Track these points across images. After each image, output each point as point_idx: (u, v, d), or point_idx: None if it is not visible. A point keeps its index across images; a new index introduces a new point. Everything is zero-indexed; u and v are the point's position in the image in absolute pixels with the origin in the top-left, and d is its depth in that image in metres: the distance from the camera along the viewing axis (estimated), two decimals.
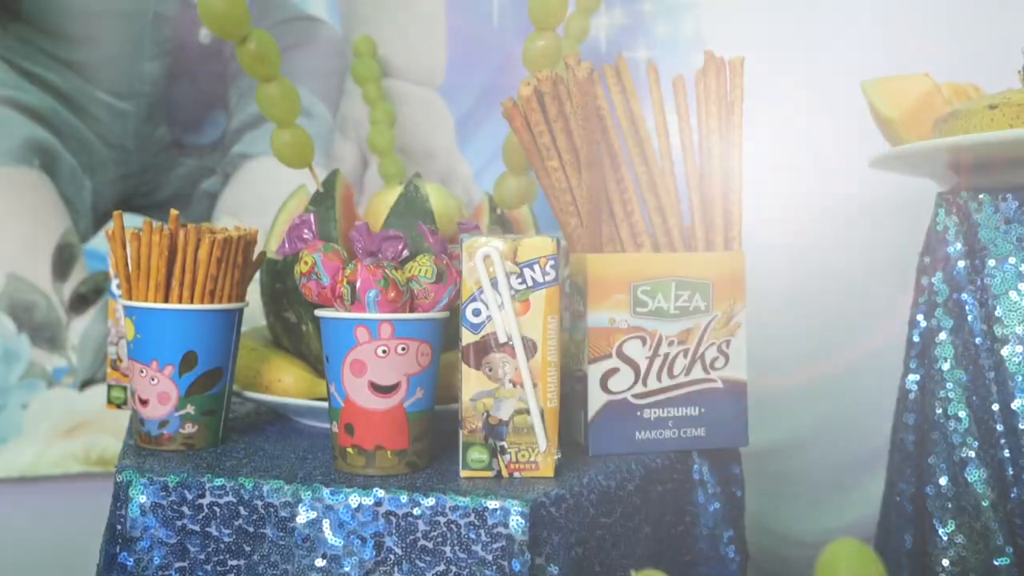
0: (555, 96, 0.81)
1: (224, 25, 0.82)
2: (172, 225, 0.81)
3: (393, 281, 0.74)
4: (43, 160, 1.36)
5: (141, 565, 0.74)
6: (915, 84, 0.96)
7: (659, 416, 0.84)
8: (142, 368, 0.83)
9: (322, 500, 0.72)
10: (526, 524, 0.69)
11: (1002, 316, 0.78)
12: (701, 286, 0.84)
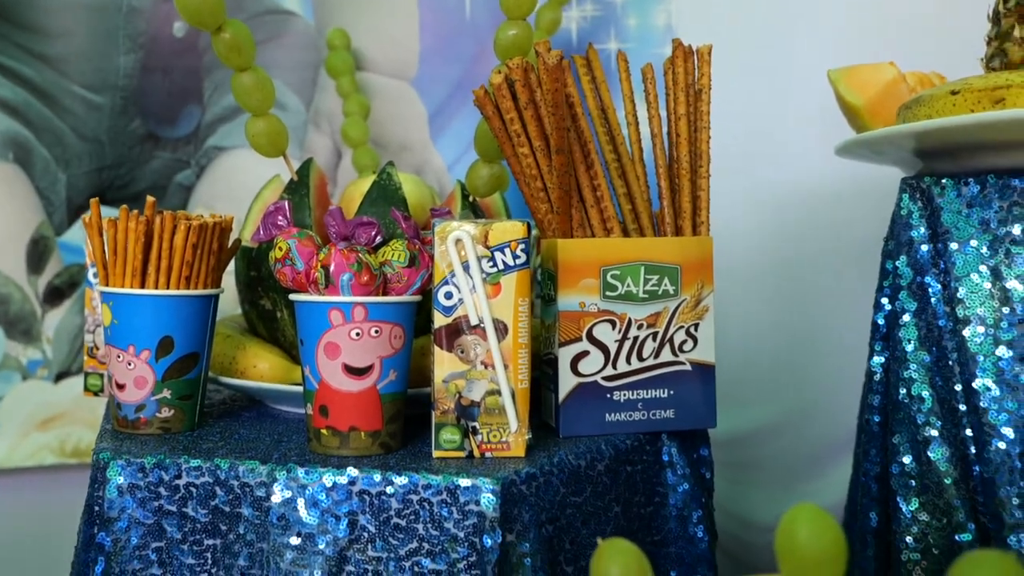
0: (526, 83, 0.82)
1: (200, 15, 0.83)
2: (148, 212, 0.82)
3: (366, 265, 0.75)
4: (17, 153, 1.36)
5: (119, 545, 0.75)
6: (880, 73, 0.98)
7: (629, 398, 0.85)
8: (119, 353, 0.83)
9: (297, 480, 0.73)
10: (497, 502, 0.70)
11: (964, 298, 0.80)
12: (670, 270, 0.85)
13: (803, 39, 1.36)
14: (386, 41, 1.42)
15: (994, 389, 0.78)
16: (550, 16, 1.14)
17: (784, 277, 1.37)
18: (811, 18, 1.35)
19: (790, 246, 1.36)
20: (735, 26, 1.38)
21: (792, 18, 1.36)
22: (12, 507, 1.39)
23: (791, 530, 0.47)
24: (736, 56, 1.38)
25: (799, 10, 1.36)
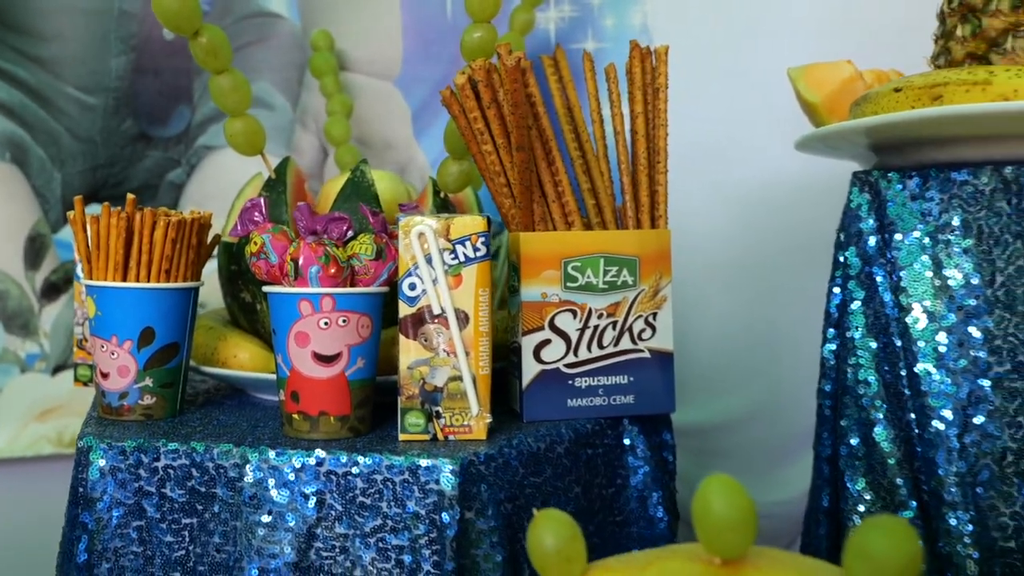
0: (488, 84, 0.86)
1: (177, 21, 0.87)
2: (129, 209, 0.86)
3: (334, 258, 0.79)
4: (14, 153, 1.40)
5: (101, 524, 0.79)
6: (837, 71, 1.01)
7: (590, 384, 0.89)
8: (103, 343, 0.87)
9: (268, 461, 0.77)
10: (456, 480, 0.74)
11: (907, 286, 0.84)
12: (628, 262, 0.89)
13: (775, 38, 1.40)
14: (370, 42, 1.46)
15: (935, 373, 0.82)
16: (523, 17, 1.18)
17: (755, 270, 1.41)
18: (782, 18, 1.38)
19: (760, 240, 1.40)
20: (709, 26, 1.41)
21: (764, 18, 1.39)
22: (12, 495, 1.43)
23: (705, 499, 0.51)
24: (710, 55, 1.41)
25: (771, 10, 1.39)
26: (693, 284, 1.45)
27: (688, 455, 1.46)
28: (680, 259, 1.44)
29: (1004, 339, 0.79)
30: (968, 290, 0.80)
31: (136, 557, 0.79)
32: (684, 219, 1.44)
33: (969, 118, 0.74)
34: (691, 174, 1.43)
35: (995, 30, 0.83)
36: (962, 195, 0.81)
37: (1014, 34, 0.82)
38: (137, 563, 0.79)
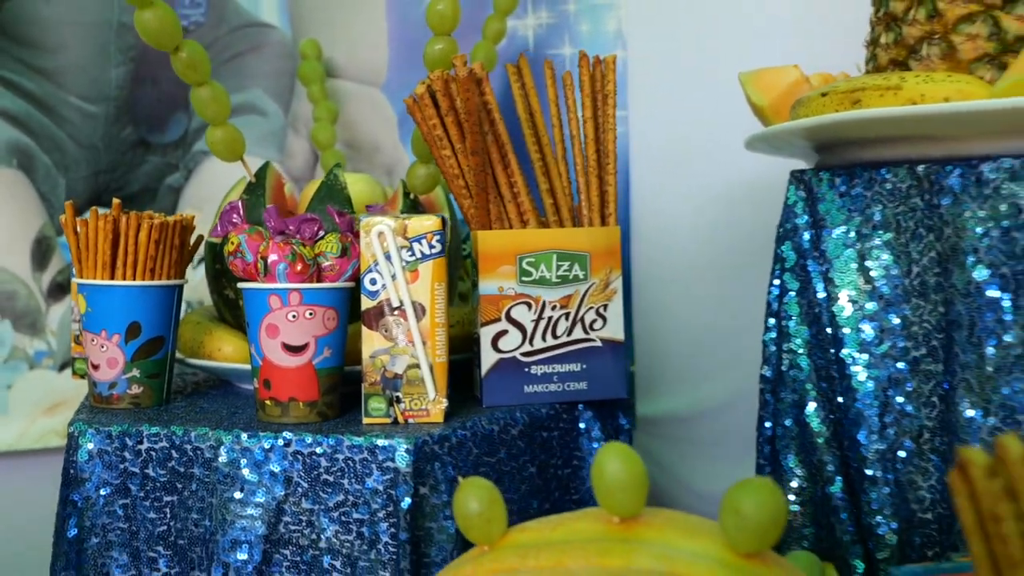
0: (446, 93, 0.93)
1: (158, 37, 0.94)
2: (115, 212, 0.93)
3: (300, 255, 0.86)
4: (21, 160, 1.48)
5: (90, 502, 0.86)
6: (784, 75, 1.07)
7: (545, 372, 0.96)
8: (93, 337, 0.95)
9: (240, 443, 0.84)
10: (411, 459, 0.81)
11: (835, 277, 0.90)
12: (579, 257, 0.96)
13: (745, 42, 1.45)
14: (357, 50, 1.53)
15: (859, 358, 0.88)
16: (496, 27, 1.25)
17: (734, 261, 1.46)
18: (752, 23, 1.44)
19: (735, 234, 1.45)
20: (681, 31, 1.47)
21: (734, 23, 1.44)
22: (23, 485, 1.51)
23: (600, 464, 0.57)
24: (682, 58, 1.47)
25: (741, 15, 1.44)
26: (672, 279, 1.51)
27: (667, 443, 1.52)
28: (659, 255, 1.51)
29: (920, 325, 0.85)
30: (888, 280, 0.86)
31: (122, 532, 0.87)
32: (661, 217, 1.51)
33: (880, 121, 0.80)
34: (666, 173, 1.49)
35: (913, 38, 0.89)
36: (882, 192, 0.87)
37: (928, 42, 0.88)
38: (123, 538, 0.86)
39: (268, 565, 0.83)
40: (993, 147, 0.80)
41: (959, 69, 0.86)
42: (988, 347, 0.79)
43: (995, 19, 0.84)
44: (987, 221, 0.79)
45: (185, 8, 1.52)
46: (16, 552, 1.44)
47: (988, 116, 0.75)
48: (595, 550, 0.56)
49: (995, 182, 0.79)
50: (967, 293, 0.80)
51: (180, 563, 0.86)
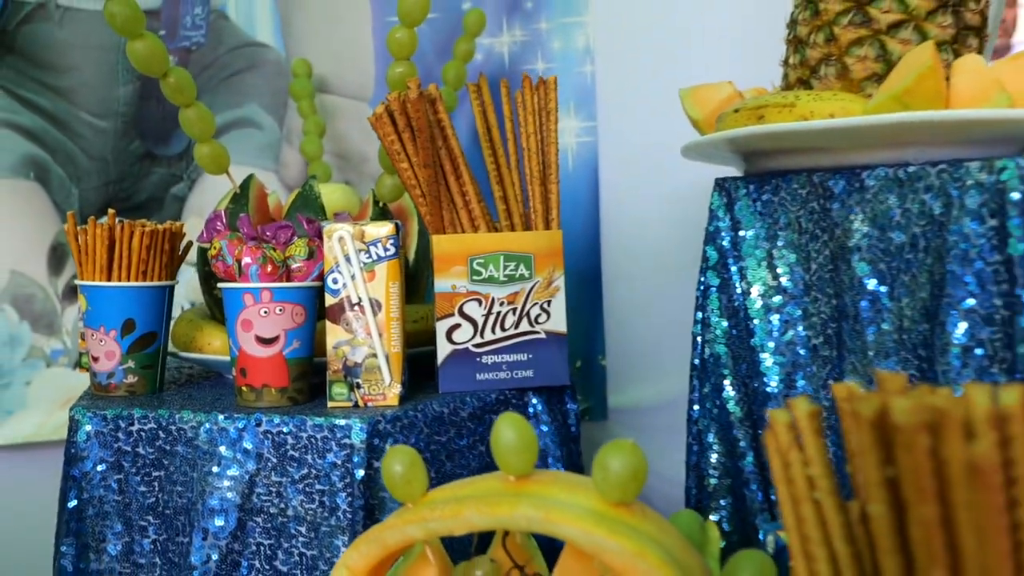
0: (403, 112, 1.04)
1: (148, 65, 1.06)
2: (110, 221, 1.05)
3: (270, 258, 0.98)
4: (37, 172, 1.61)
5: (88, 477, 0.98)
6: (718, 91, 1.17)
7: (495, 361, 1.07)
8: (92, 332, 1.07)
9: (217, 424, 0.96)
10: (364, 436, 0.92)
11: (748, 274, 1.00)
12: (524, 258, 1.07)
13: (705, 55, 1.56)
14: (346, 68, 1.65)
15: (767, 346, 0.98)
16: (465, 47, 1.36)
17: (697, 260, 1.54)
18: (708, 39, 1.54)
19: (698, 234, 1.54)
20: (645, 45, 1.58)
21: (694, 37, 1.55)
22: (41, 474, 1.63)
23: (497, 431, 0.69)
24: (647, 71, 1.58)
25: (700, 30, 1.55)
26: (640, 277, 1.62)
27: (637, 432, 1.63)
28: (627, 254, 1.62)
29: (817, 316, 0.96)
30: (791, 276, 0.97)
31: (116, 503, 0.99)
32: (629, 218, 1.62)
33: (777, 134, 0.91)
34: (633, 178, 1.60)
35: (814, 59, 0.99)
36: (787, 198, 0.97)
37: (826, 63, 0.98)
38: (117, 508, 0.99)
39: (243, 531, 0.94)
40: (872, 157, 0.90)
41: (851, 87, 0.96)
42: (869, 334, 0.90)
43: (881, 43, 0.95)
44: (867, 223, 0.90)
45: (187, 30, 1.64)
46: (33, 529, 1.57)
47: (863, 130, 0.86)
48: (488, 502, 0.67)
49: (873, 188, 0.89)
50: (852, 286, 0.91)
51: (167, 530, 0.98)
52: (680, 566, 0.64)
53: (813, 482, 0.54)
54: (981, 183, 0.80)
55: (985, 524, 0.42)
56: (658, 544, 0.64)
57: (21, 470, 1.62)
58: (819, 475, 0.54)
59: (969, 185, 0.81)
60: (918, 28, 0.94)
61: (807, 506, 0.55)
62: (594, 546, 0.63)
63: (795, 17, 1.04)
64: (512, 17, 1.59)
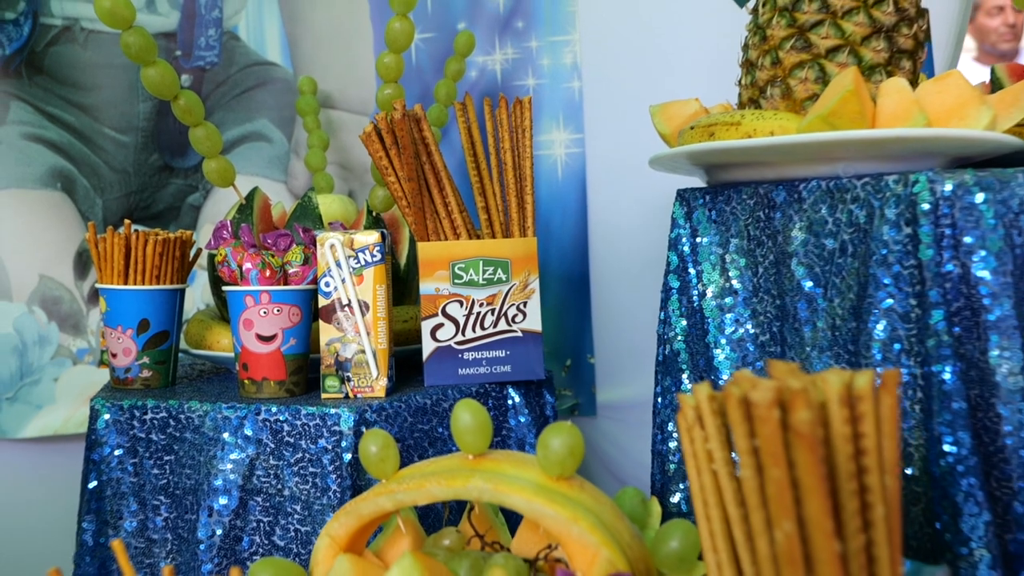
0: (389, 131, 1.15)
1: (160, 89, 1.17)
2: (126, 231, 1.16)
3: (268, 264, 1.09)
4: (64, 184, 1.72)
5: (106, 461, 1.09)
6: (685, 107, 1.27)
7: (475, 357, 1.17)
8: (111, 331, 1.18)
9: (221, 413, 1.07)
10: (352, 424, 1.03)
11: (704, 277, 1.10)
12: (502, 263, 1.17)
13: (684, 71, 1.65)
14: (349, 85, 1.76)
15: (721, 343, 1.08)
16: (455, 67, 1.47)
17: None
18: (687, 57, 1.64)
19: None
20: (629, 62, 1.67)
21: (672, 57, 1.65)
22: (67, 463, 1.75)
23: (456, 414, 0.79)
24: (630, 86, 1.68)
25: (677, 50, 1.64)
26: (626, 278, 1.71)
27: (624, 426, 1.72)
28: (614, 257, 1.71)
29: (764, 315, 1.05)
30: (741, 279, 1.07)
31: (132, 485, 1.10)
32: (615, 223, 1.71)
33: (723, 151, 1.01)
34: (619, 185, 1.70)
35: (763, 80, 1.09)
36: (737, 207, 1.07)
37: (772, 84, 1.08)
38: (133, 488, 1.10)
39: (244, 509, 1.05)
40: (808, 171, 1.00)
41: (795, 107, 1.06)
42: (806, 331, 0.99)
43: (821, 66, 1.04)
44: (804, 230, 0.99)
45: (201, 50, 1.76)
46: (61, 512, 1.68)
47: (795, 147, 0.95)
48: (448, 476, 0.77)
49: (809, 199, 0.98)
50: (792, 288, 1.00)
51: (176, 508, 1.09)
52: (610, 531, 0.74)
53: (711, 455, 0.64)
54: (898, 195, 0.90)
55: (811, 483, 0.52)
56: (591, 512, 0.74)
57: (50, 460, 1.74)
58: (715, 448, 0.64)
59: (888, 197, 0.91)
60: (854, 52, 1.04)
61: (707, 475, 0.65)
62: (535, 513, 0.74)
63: (747, 42, 1.14)
64: (504, 36, 1.69)
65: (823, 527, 0.52)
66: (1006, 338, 0.85)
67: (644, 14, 1.65)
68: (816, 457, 0.51)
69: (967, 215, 0.86)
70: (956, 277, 0.86)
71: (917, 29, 1.06)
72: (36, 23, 1.70)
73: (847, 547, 0.56)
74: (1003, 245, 0.85)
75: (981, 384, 0.86)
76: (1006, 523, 0.85)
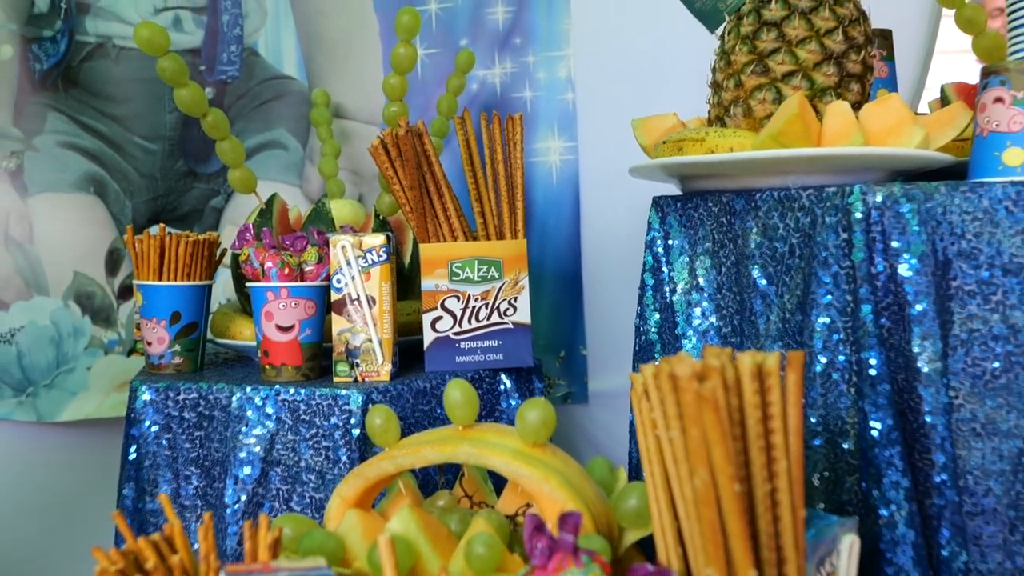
0: (395, 144, 1.28)
1: (190, 107, 1.32)
2: (161, 233, 1.31)
3: (287, 263, 1.23)
4: (96, 188, 1.87)
5: (144, 436, 1.24)
6: (663, 121, 1.40)
7: (471, 346, 1.31)
8: (147, 322, 1.33)
9: (246, 394, 1.21)
10: (360, 403, 1.17)
11: (674, 276, 1.23)
12: (495, 262, 1.31)
13: (672, 85, 1.78)
14: (360, 96, 1.90)
15: (689, 333, 1.21)
16: (456, 82, 1.61)
17: None
18: (673, 70, 1.76)
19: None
20: (620, 76, 1.81)
21: (660, 71, 1.78)
22: (100, 446, 1.89)
23: (447, 392, 0.93)
24: (620, 98, 1.81)
25: (665, 65, 1.77)
26: (617, 276, 1.84)
27: (614, 414, 1.86)
28: (605, 256, 1.85)
29: (726, 309, 1.19)
30: (706, 277, 1.20)
31: (167, 457, 1.24)
32: (606, 225, 1.85)
33: (687, 164, 1.14)
34: (609, 189, 1.82)
35: (727, 100, 1.22)
36: (704, 214, 1.21)
37: (735, 104, 1.21)
38: (167, 460, 1.24)
39: (265, 478, 1.19)
40: (762, 183, 1.13)
41: (754, 125, 1.19)
42: (761, 324, 1.13)
43: (778, 88, 1.18)
44: (760, 235, 1.12)
45: (223, 65, 1.90)
46: (93, 488, 1.82)
47: (751, 162, 1.09)
48: (440, 443, 0.91)
49: (764, 207, 1.12)
50: (749, 286, 1.14)
51: (206, 478, 1.23)
52: (576, 489, 0.88)
53: (655, 422, 0.78)
54: (836, 204, 1.03)
55: (715, 437, 0.65)
56: (560, 473, 0.88)
57: (83, 442, 1.88)
58: (658, 417, 0.77)
59: (828, 206, 1.04)
60: (807, 76, 1.17)
61: (651, 439, 0.78)
62: (513, 473, 0.87)
63: (715, 65, 1.27)
64: (503, 52, 1.83)
65: (726, 472, 0.65)
66: (926, 330, 0.98)
67: (632, 33, 1.79)
68: (719, 417, 0.65)
69: (895, 222, 0.99)
70: (884, 277, 0.99)
71: (865, 55, 1.20)
72: (72, 40, 1.84)
73: (756, 493, 0.69)
74: (925, 249, 0.99)
75: (906, 370, 0.99)
76: (925, 490, 0.98)
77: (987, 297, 0.99)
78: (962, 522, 0.98)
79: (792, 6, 1.17)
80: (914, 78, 1.74)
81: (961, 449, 0.99)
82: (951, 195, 0.99)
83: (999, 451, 0.99)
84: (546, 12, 1.83)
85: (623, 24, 1.80)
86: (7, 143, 1.80)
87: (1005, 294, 0.99)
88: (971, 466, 0.99)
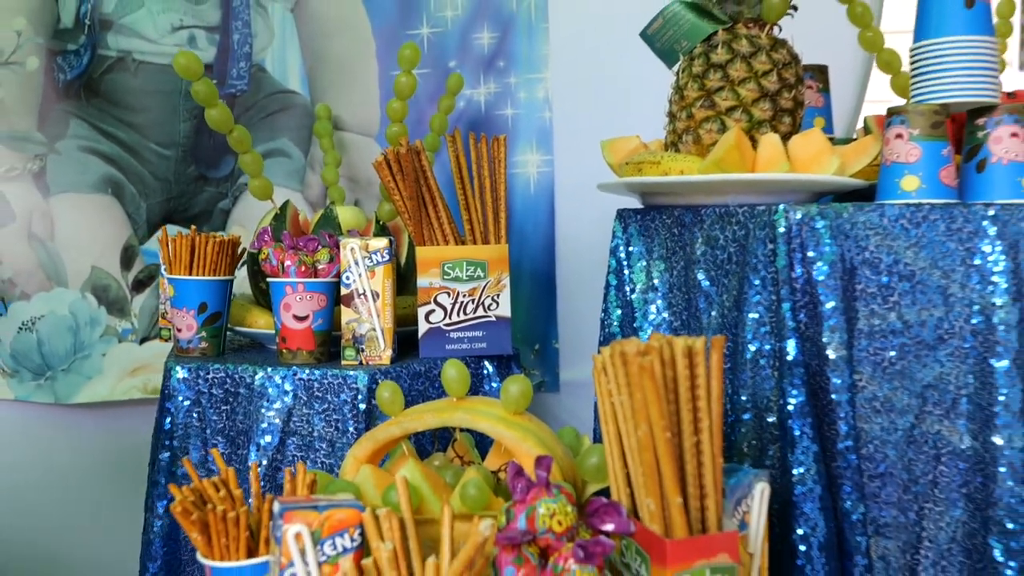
0: (396, 161, 1.49)
1: (218, 124, 1.52)
2: (192, 234, 1.51)
3: (304, 262, 1.43)
4: (113, 189, 2.05)
5: (178, 409, 1.44)
6: (628, 143, 1.61)
7: (459, 336, 1.52)
8: (177, 311, 1.53)
9: (267, 373, 1.41)
10: (366, 383, 1.37)
11: (633, 277, 1.45)
12: (481, 264, 1.52)
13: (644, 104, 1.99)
14: (358, 110, 2.10)
15: (644, 328, 1.43)
16: (447, 103, 1.82)
17: None
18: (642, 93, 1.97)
19: None
20: (594, 96, 2.02)
21: (630, 92, 1.99)
22: (114, 427, 2.07)
23: (444, 370, 1.14)
24: (593, 116, 2.02)
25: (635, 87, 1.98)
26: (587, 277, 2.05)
27: (583, 401, 2.07)
28: (576, 259, 2.06)
29: (676, 306, 1.41)
30: (661, 279, 1.42)
31: (197, 427, 1.44)
32: (578, 232, 2.06)
33: (645, 184, 1.36)
34: (581, 200, 2.03)
35: (680, 129, 1.44)
36: (659, 225, 1.43)
37: (686, 132, 1.43)
38: (197, 431, 1.44)
39: (283, 446, 1.40)
40: (707, 200, 1.35)
41: (702, 151, 1.41)
42: (704, 319, 1.35)
43: (722, 120, 1.39)
44: (704, 244, 1.34)
45: (233, 80, 2.10)
46: (112, 464, 2.01)
47: (696, 184, 1.31)
48: (438, 411, 1.12)
49: (708, 221, 1.34)
50: (694, 286, 1.36)
51: (231, 446, 1.44)
52: (549, 448, 1.09)
53: (610, 392, 0.99)
54: (764, 220, 1.25)
55: (652, 398, 0.87)
56: (536, 435, 1.10)
57: (97, 422, 2.06)
58: (612, 388, 0.99)
59: (759, 222, 1.26)
60: (747, 111, 1.39)
61: (607, 404, 1.00)
62: (497, 434, 1.09)
63: (671, 98, 1.49)
64: (488, 73, 2.04)
65: (660, 425, 0.87)
66: (835, 324, 1.20)
67: (605, 60, 2.00)
68: (656, 383, 0.87)
69: (811, 236, 1.21)
70: (802, 280, 1.21)
71: (796, 93, 1.42)
72: (94, 54, 2.03)
73: (684, 443, 0.91)
74: (835, 258, 1.20)
75: (818, 356, 1.21)
76: (832, 455, 1.20)
77: (886, 298, 1.21)
78: (861, 482, 1.20)
79: (735, 51, 1.39)
80: (851, 108, 1.97)
81: (863, 423, 1.21)
82: (857, 214, 1.21)
83: (895, 424, 1.21)
84: (527, 38, 2.04)
85: (597, 52, 2.01)
86: (32, 147, 1.99)
87: (901, 296, 1.21)
88: (872, 436, 1.21)
